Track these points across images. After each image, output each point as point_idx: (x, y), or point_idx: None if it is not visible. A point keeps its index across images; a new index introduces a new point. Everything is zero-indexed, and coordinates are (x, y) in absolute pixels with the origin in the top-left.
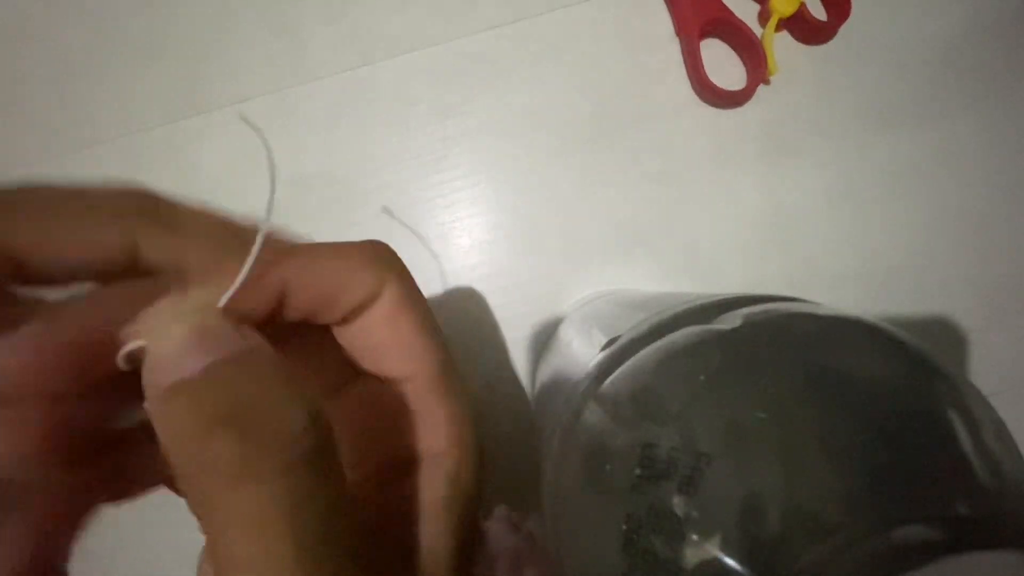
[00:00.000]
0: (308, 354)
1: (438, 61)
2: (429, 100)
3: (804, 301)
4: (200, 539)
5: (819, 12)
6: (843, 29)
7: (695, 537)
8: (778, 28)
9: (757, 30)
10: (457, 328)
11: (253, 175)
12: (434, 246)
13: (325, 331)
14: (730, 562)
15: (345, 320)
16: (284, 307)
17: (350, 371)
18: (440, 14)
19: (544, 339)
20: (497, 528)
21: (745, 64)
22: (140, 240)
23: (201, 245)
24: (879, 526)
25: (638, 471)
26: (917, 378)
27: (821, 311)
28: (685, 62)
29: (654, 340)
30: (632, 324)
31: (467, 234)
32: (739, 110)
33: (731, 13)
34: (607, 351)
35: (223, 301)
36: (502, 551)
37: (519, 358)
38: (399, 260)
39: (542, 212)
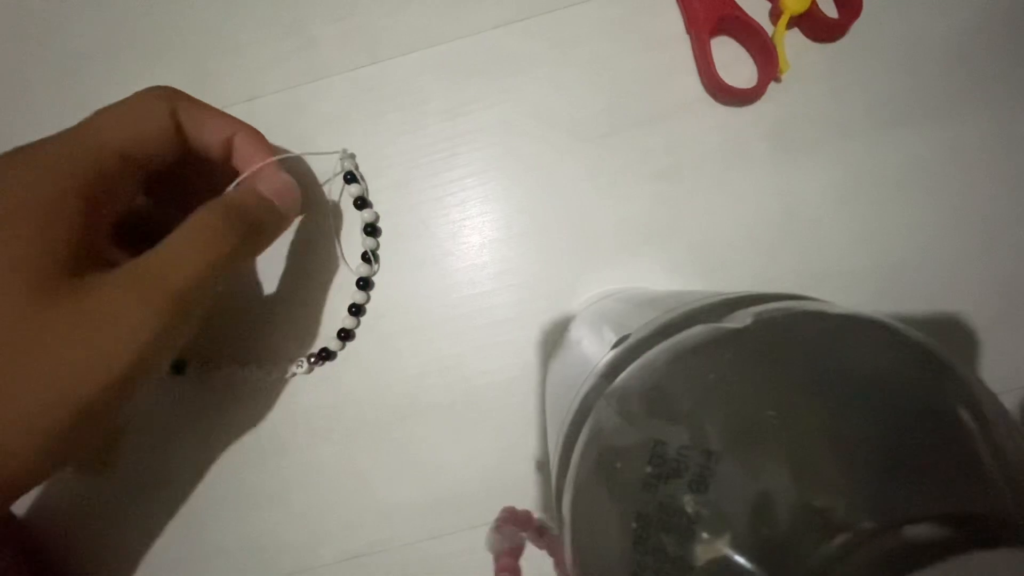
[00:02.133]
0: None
1: (448, 59)
2: (439, 98)
3: (814, 299)
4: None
5: (830, 9)
6: (854, 27)
7: (705, 535)
8: (789, 26)
9: (768, 28)
10: (466, 327)
11: None
12: (445, 244)
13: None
14: (740, 560)
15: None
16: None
17: None
18: (449, 12)
19: (554, 338)
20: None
21: (756, 62)
22: (178, 111)
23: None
24: (890, 524)
25: (648, 469)
26: (928, 376)
27: (832, 309)
28: (696, 60)
29: (664, 339)
30: (642, 322)
31: (478, 232)
32: (750, 108)
33: (742, 11)
34: (617, 349)
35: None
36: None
37: (530, 357)
38: (172, 90)
39: (552, 210)
